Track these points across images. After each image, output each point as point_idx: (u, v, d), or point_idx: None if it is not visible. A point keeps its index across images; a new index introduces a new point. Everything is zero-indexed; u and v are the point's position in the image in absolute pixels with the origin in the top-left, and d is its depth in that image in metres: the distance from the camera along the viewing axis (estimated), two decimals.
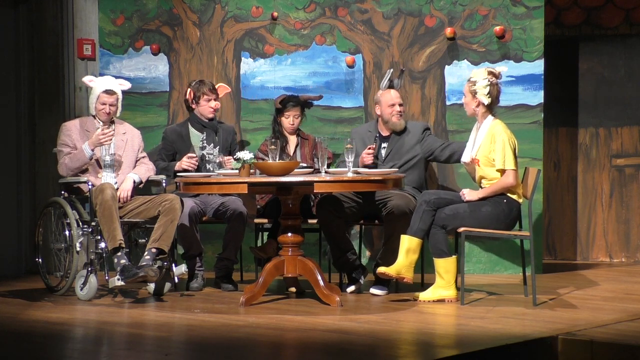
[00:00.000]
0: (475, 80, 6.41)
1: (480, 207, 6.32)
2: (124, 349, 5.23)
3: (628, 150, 8.47)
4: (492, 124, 6.40)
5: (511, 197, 6.34)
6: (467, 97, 6.47)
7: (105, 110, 6.77)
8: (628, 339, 5.15)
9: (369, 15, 7.77)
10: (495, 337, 5.28)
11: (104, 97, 6.77)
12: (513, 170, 6.30)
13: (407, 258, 6.33)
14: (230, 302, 6.40)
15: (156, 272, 6.32)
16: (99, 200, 6.41)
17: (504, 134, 6.34)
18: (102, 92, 6.76)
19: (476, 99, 6.41)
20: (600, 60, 8.49)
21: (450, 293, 6.34)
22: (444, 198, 6.40)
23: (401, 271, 6.33)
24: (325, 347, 5.19)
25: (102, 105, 6.77)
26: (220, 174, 6.47)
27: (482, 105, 6.41)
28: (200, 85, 7.10)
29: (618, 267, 8.20)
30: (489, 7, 7.66)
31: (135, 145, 6.89)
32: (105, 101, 6.77)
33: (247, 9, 7.84)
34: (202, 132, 7.09)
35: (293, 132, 7.18)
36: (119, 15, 7.89)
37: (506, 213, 6.32)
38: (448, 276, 6.33)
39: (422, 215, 6.33)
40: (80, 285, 6.53)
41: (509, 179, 6.31)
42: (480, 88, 6.38)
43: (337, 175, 6.26)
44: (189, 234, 6.84)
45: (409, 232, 6.35)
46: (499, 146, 6.31)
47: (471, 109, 6.46)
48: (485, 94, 6.38)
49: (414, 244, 6.33)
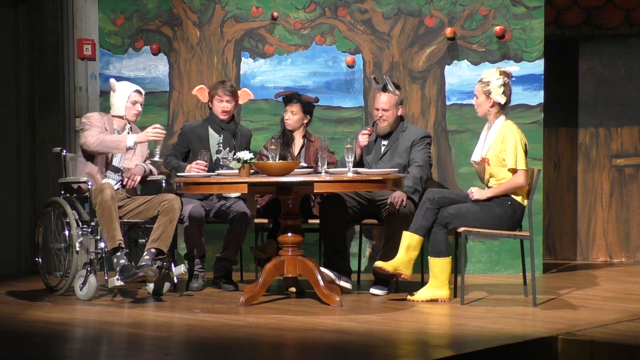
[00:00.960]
0: (489, 81, 6.39)
1: (485, 207, 6.32)
2: (123, 349, 5.22)
3: (628, 150, 8.48)
4: (503, 124, 6.39)
5: (515, 199, 6.33)
6: (479, 98, 6.44)
7: (136, 109, 6.78)
8: (628, 339, 5.14)
9: (369, 15, 7.77)
10: (495, 337, 5.28)
11: (135, 96, 6.79)
12: (524, 170, 6.30)
13: (406, 254, 6.32)
14: (230, 302, 6.40)
15: (155, 272, 6.32)
16: (99, 200, 6.41)
17: (517, 134, 6.34)
18: (133, 91, 6.79)
19: (490, 99, 6.40)
20: (600, 60, 8.49)
21: (444, 293, 6.33)
22: (448, 197, 6.39)
23: (399, 267, 6.31)
24: (325, 347, 5.19)
25: (133, 104, 6.78)
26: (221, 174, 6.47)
27: (496, 105, 6.41)
28: (218, 85, 7.07)
29: (618, 267, 8.20)
30: (489, 7, 7.66)
31: (144, 152, 6.94)
32: (137, 100, 6.79)
33: (247, 9, 7.84)
34: (220, 134, 7.05)
35: (291, 128, 7.16)
36: (119, 15, 7.89)
37: (510, 215, 6.31)
38: (443, 276, 6.33)
39: (425, 213, 6.32)
40: (80, 285, 6.53)
41: (520, 179, 6.30)
42: (494, 88, 6.37)
43: (337, 175, 6.26)
44: (194, 237, 6.84)
45: (410, 229, 6.34)
46: (510, 146, 6.30)
47: (485, 109, 6.44)
48: (500, 93, 6.37)
49: (414, 240, 6.32)
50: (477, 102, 6.47)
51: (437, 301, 6.31)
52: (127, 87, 6.81)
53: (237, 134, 7.07)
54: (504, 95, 6.37)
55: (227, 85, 7.06)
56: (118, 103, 6.80)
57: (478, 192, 6.38)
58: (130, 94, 6.78)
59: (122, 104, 6.78)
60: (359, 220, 6.95)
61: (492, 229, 6.30)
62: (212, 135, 7.05)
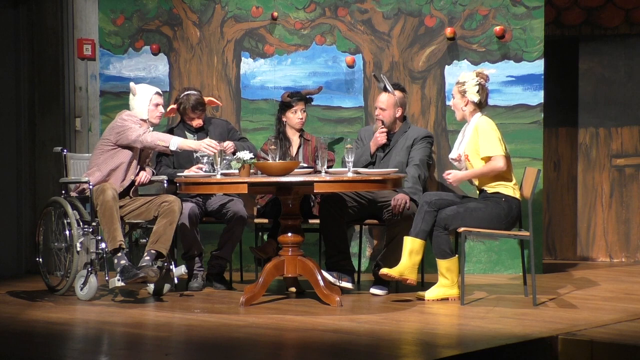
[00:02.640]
0: (465, 81, 6.49)
1: (482, 207, 6.33)
2: (124, 349, 5.23)
3: (628, 150, 8.48)
4: (478, 120, 6.44)
5: (507, 194, 6.35)
6: (455, 99, 6.52)
7: (159, 111, 6.76)
8: (628, 339, 5.15)
9: (369, 15, 7.77)
10: (495, 337, 5.28)
11: (157, 99, 6.76)
12: (502, 155, 6.32)
13: (410, 259, 6.34)
14: (230, 302, 6.40)
15: (156, 273, 6.33)
16: (100, 200, 6.41)
17: (487, 124, 6.39)
18: (154, 93, 6.75)
19: (465, 98, 6.46)
20: (600, 60, 8.49)
21: (454, 292, 6.37)
22: (445, 199, 6.42)
23: (404, 273, 6.34)
24: (325, 347, 5.19)
25: (155, 107, 6.75)
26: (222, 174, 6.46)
27: (470, 103, 6.44)
28: (186, 103, 7.01)
29: (618, 267, 8.20)
30: (489, 7, 7.66)
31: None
32: (159, 102, 6.76)
33: (247, 9, 7.84)
34: (194, 134, 7.07)
35: (301, 127, 7.16)
36: (119, 15, 7.89)
37: (506, 212, 6.33)
38: (452, 275, 6.35)
39: (424, 216, 6.34)
40: (80, 286, 6.53)
41: (499, 162, 6.32)
42: (469, 87, 6.44)
43: (337, 175, 6.26)
44: (190, 235, 6.85)
45: (411, 234, 6.36)
46: (482, 135, 6.35)
47: (460, 109, 6.49)
48: (475, 92, 6.43)
49: (417, 245, 6.33)
50: (453, 102, 6.54)
51: (448, 300, 6.32)
52: (148, 90, 6.76)
53: (209, 131, 7.06)
54: (477, 94, 6.44)
55: (193, 101, 6.99)
56: (140, 106, 6.75)
57: (454, 174, 6.40)
58: (151, 97, 6.74)
59: (145, 107, 6.74)
60: (359, 220, 6.95)
61: (492, 228, 6.31)
62: (188, 136, 7.05)
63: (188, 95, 7.05)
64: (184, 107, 7.04)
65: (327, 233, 6.78)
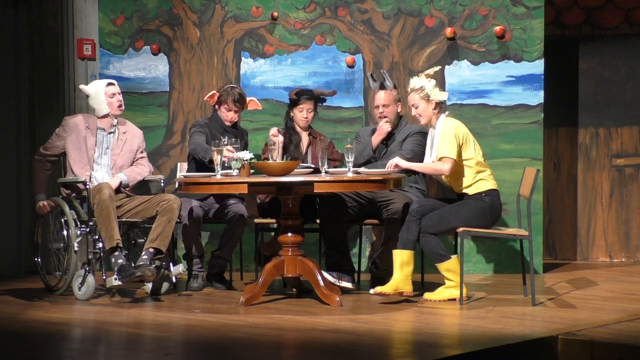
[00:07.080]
0: (422, 86, 6.46)
1: (463, 206, 6.35)
2: (123, 349, 5.22)
3: (628, 150, 8.47)
4: (444, 123, 6.43)
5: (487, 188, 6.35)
6: (420, 106, 6.47)
7: (117, 99, 6.76)
8: (628, 339, 5.14)
9: (369, 15, 7.76)
10: (495, 337, 5.28)
11: (111, 89, 6.77)
12: (452, 159, 6.32)
13: (402, 272, 6.33)
14: (230, 302, 6.40)
15: (153, 272, 6.32)
16: (97, 199, 6.41)
17: (451, 127, 6.38)
18: (105, 85, 6.77)
19: (431, 101, 6.45)
20: (600, 60, 8.49)
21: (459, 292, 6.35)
22: (426, 205, 6.41)
23: (399, 286, 6.34)
24: (325, 347, 5.18)
25: (111, 97, 6.76)
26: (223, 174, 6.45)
27: (436, 105, 6.44)
28: (228, 92, 7.00)
29: (618, 267, 8.19)
30: (489, 7, 7.66)
31: (134, 146, 6.88)
32: (113, 91, 6.77)
33: (247, 9, 7.84)
34: (224, 135, 7.00)
35: (306, 126, 7.15)
36: (119, 15, 7.89)
37: (489, 205, 6.35)
38: (455, 276, 6.33)
39: (408, 226, 6.34)
40: (78, 285, 6.53)
41: (444, 165, 6.34)
42: (431, 89, 6.45)
43: (337, 175, 6.26)
44: (192, 237, 6.85)
45: (399, 246, 6.34)
46: (442, 136, 6.37)
47: (429, 114, 6.46)
48: (437, 92, 6.46)
49: (406, 256, 6.33)
50: (417, 111, 6.49)
51: (455, 300, 6.32)
52: (99, 85, 6.79)
53: (238, 135, 7.06)
54: (441, 92, 6.46)
55: (237, 94, 7.00)
56: (98, 104, 6.77)
57: (399, 160, 6.42)
58: (104, 90, 6.76)
59: (103, 103, 6.75)
60: (359, 220, 6.94)
61: (478, 224, 6.30)
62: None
63: (233, 87, 7.06)
64: (225, 96, 7.00)
65: (327, 233, 6.77)
